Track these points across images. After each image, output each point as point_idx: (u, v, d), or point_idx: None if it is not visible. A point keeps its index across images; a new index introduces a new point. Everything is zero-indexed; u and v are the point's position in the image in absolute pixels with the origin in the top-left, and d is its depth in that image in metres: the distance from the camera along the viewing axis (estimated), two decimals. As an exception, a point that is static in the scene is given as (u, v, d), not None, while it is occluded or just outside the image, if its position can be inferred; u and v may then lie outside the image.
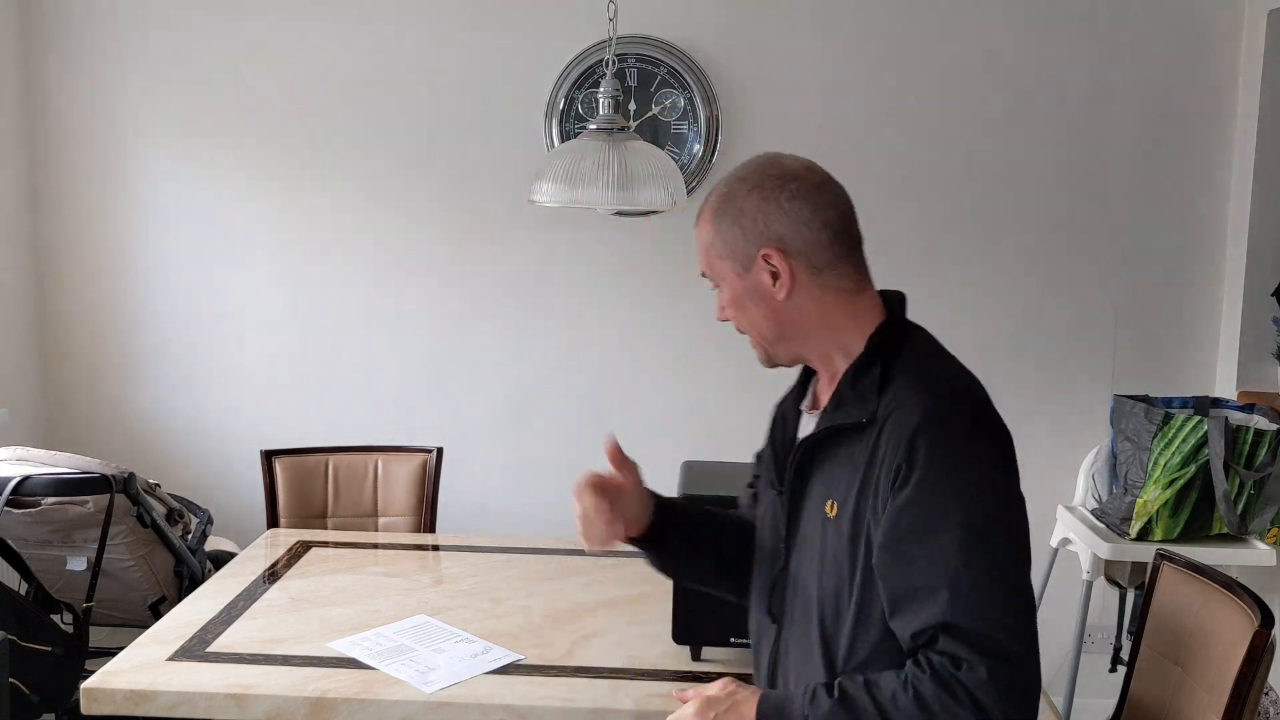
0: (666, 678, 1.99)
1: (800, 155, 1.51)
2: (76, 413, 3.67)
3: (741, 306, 1.49)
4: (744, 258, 1.46)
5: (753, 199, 1.45)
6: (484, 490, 3.60)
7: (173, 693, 1.91)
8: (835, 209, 1.46)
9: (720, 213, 1.48)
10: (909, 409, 1.35)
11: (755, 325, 1.49)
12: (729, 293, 1.50)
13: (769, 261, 1.44)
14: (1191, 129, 3.44)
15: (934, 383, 1.40)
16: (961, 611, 1.29)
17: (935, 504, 1.32)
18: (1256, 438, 2.87)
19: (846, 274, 1.46)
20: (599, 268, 3.55)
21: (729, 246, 1.47)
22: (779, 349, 1.51)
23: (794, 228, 1.44)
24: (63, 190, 3.59)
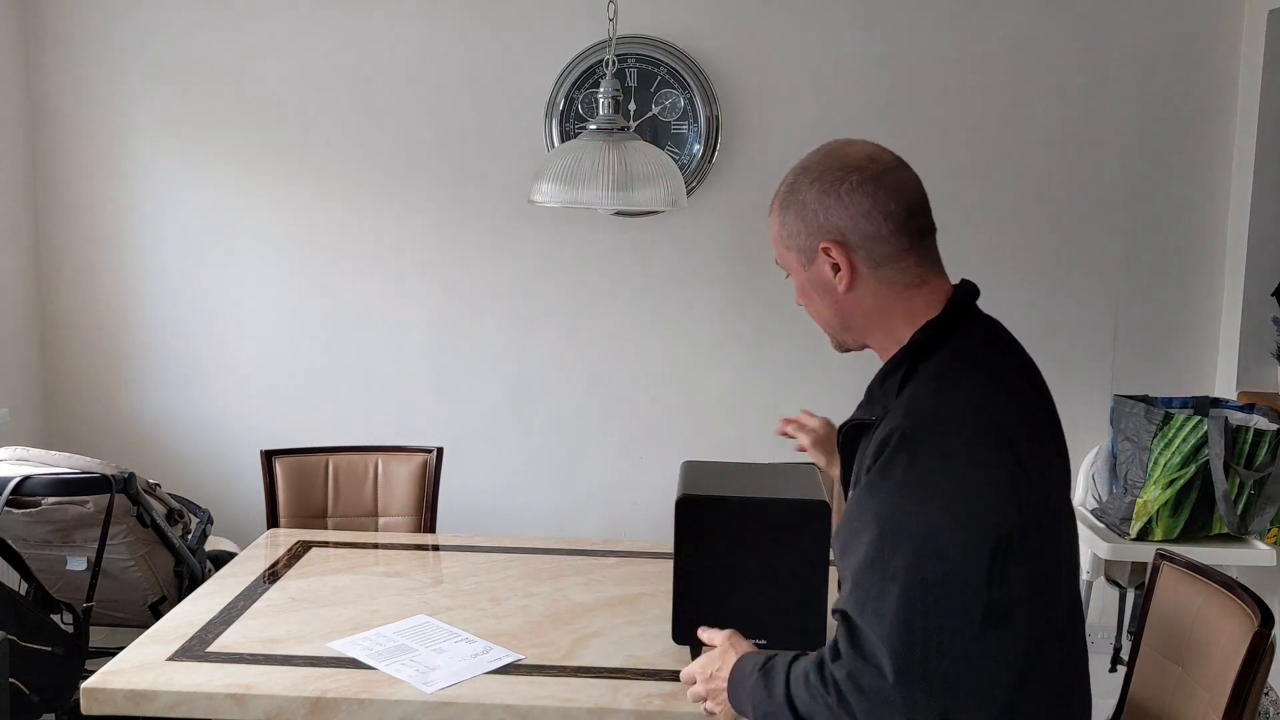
0: (666, 678, 1.99)
1: (868, 141, 1.49)
2: (76, 413, 3.67)
3: (808, 296, 1.52)
4: (807, 250, 1.47)
5: (814, 191, 1.45)
6: (484, 490, 3.61)
7: (173, 693, 1.90)
8: (897, 200, 1.44)
9: (786, 204, 1.50)
10: (893, 420, 1.36)
11: (821, 314, 1.53)
12: (797, 283, 1.53)
13: (829, 254, 1.45)
14: (1191, 129, 3.44)
15: (928, 399, 1.37)
16: (855, 604, 1.32)
17: (868, 508, 1.34)
18: (1256, 438, 2.87)
19: (907, 267, 1.45)
20: (599, 268, 3.55)
21: (794, 238, 1.49)
22: (846, 337, 1.53)
23: (853, 220, 1.43)
24: (63, 190, 3.59)
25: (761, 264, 3.52)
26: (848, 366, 1.99)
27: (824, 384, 3.31)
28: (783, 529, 1.98)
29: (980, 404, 1.37)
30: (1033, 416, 1.45)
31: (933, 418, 1.35)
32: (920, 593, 1.28)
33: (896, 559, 1.29)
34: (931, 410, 1.36)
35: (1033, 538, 1.33)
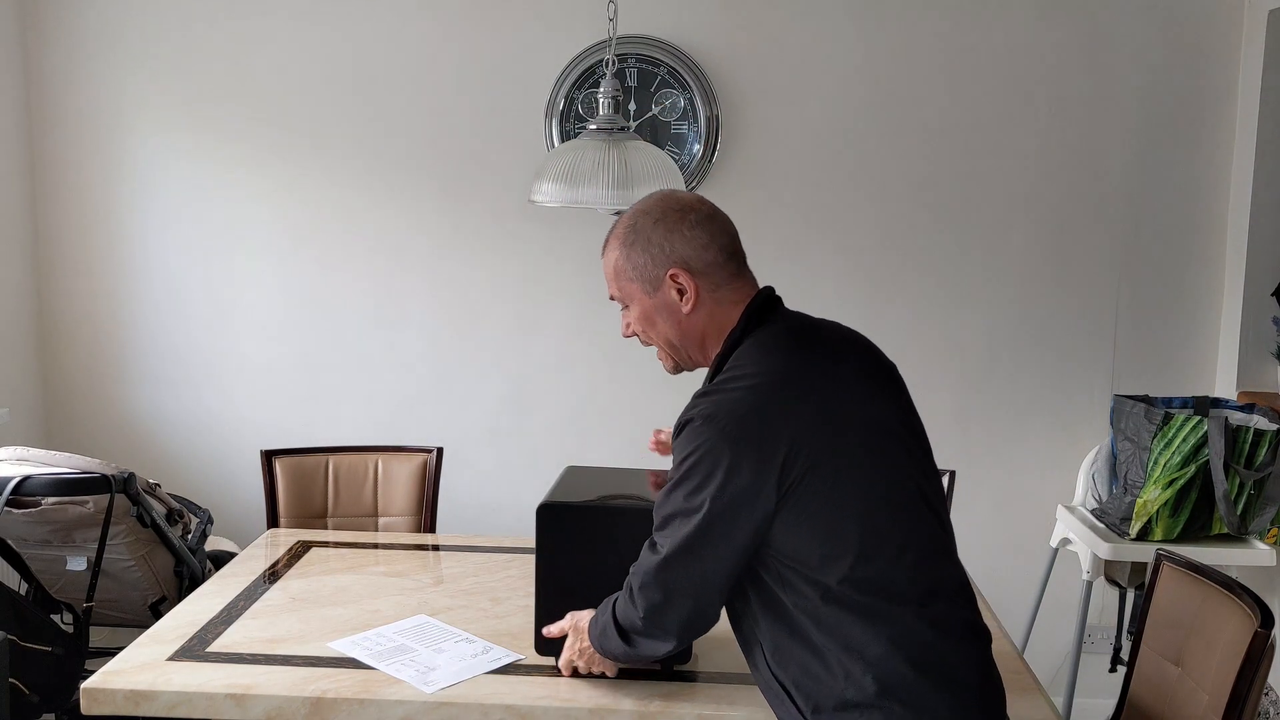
0: (666, 677, 1.99)
1: (691, 193, 1.81)
2: (76, 413, 3.67)
3: (650, 321, 1.75)
4: (653, 279, 1.72)
5: (659, 229, 1.71)
6: (484, 490, 3.61)
7: (173, 693, 1.91)
8: (727, 234, 1.74)
9: (629, 241, 1.73)
10: (685, 411, 1.64)
11: (663, 335, 1.75)
12: (638, 310, 1.75)
13: (676, 280, 1.70)
14: (1191, 129, 3.44)
15: (707, 395, 1.63)
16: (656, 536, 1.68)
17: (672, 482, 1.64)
18: (1256, 438, 2.87)
19: (737, 288, 1.73)
20: (599, 268, 3.54)
21: (638, 270, 1.73)
22: (684, 355, 1.76)
23: (695, 251, 1.70)
24: (62, 189, 3.59)
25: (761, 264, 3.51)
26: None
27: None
28: (646, 537, 1.92)
29: (744, 387, 1.62)
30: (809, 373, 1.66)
31: (703, 399, 1.63)
32: (690, 536, 1.61)
33: (680, 500, 1.62)
34: (708, 392, 1.64)
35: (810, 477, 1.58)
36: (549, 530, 1.96)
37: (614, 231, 1.77)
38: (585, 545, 1.95)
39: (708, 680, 2.00)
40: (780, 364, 1.63)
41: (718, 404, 1.60)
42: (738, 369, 1.65)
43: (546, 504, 1.97)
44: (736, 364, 1.66)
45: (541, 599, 1.98)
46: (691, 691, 1.95)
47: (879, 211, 3.44)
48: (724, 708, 1.89)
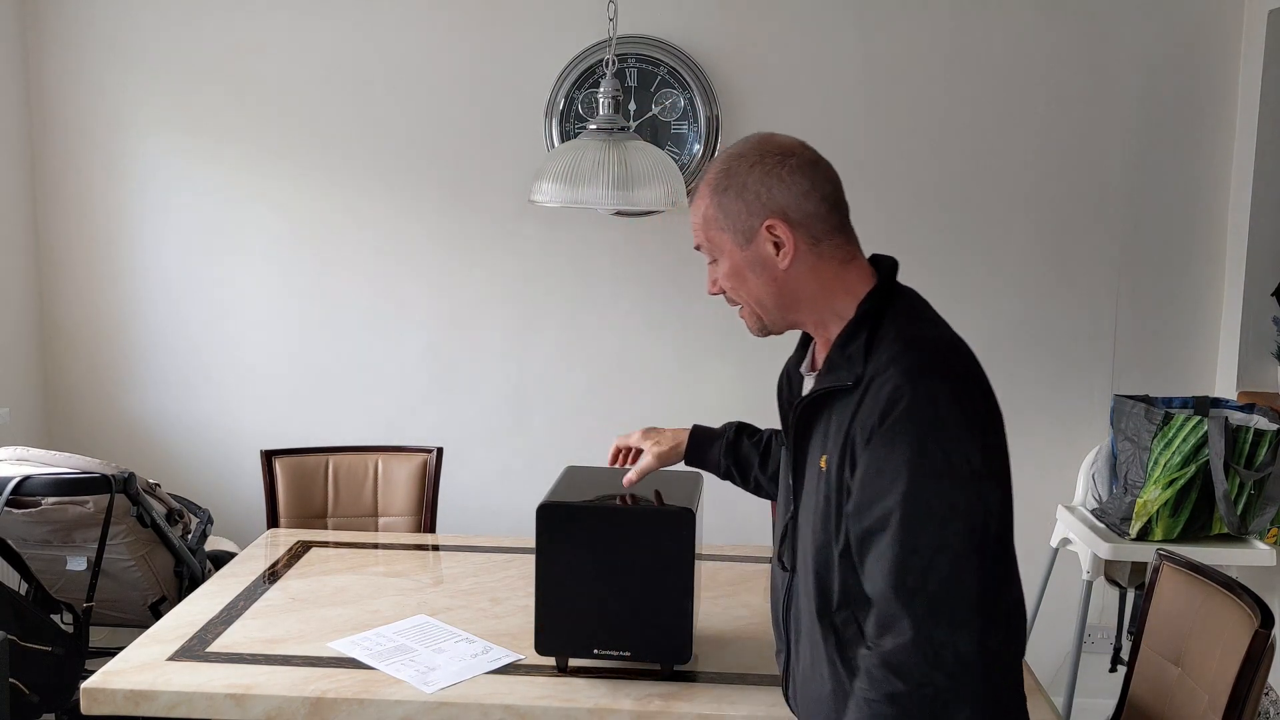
0: (666, 678, 1.99)
1: (792, 136, 1.57)
2: (76, 413, 3.67)
3: (741, 277, 1.56)
4: (746, 229, 1.53)
5: (755, 173, 1.51)
6: (484, 490, 3.61)
7: (173, 693, 1.91)
8: (831, 182, 1.54)
9: (721, 187, 1.54)
10: (889, 378, 1.41)
11: (754, 295, 1.56)
12: (728, 265, 1.57)
13: (773, 232, 1.51)
14: (1191, 128, 3.44)
15: (913, 350, 1.44)
16: (902, 601, 1.37)
17: (889, 474, 1.39)
18: (1256, 438, 2.87)
19: (840, 244, 1.53)
20: (599, 268, 3.55)
21: (730, 219, 1.53)
22: (776, 317, 1.58)
23: (795, 200, 1.51)
24: (63, 190, 3.59)
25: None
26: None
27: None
28: (646, 537, 1.94)
29: (954, 340, 1.50)
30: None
31: (927, 360, 1.43)
32: (961, 544, 1.37)
33: (944, 523, 1.37)
34: (925, 353, 1.45)
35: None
36: (549, 530, 1.96)
37: (705, 176, 1.58)
38: (585, 545, 1.95)
39: (708, 680, 2.00)
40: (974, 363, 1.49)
41: (912, 370, 1.41)
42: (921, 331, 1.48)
43: (546, 504, 1.97)
44: (912, 328, 1.48)
45: (541, 599, 1.98)
46: (691, 691, 1.95)
47: (879, 211, 3.44)
48: (724, 708, 1.89)
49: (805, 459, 1.57)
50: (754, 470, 1.97)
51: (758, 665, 2.06)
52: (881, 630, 1.39)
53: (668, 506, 1.96)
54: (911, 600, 1.36)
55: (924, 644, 1.35)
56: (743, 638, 2.19)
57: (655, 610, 1.95)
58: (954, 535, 1.36)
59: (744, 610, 2.34)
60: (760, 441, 1.99)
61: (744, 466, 1.98)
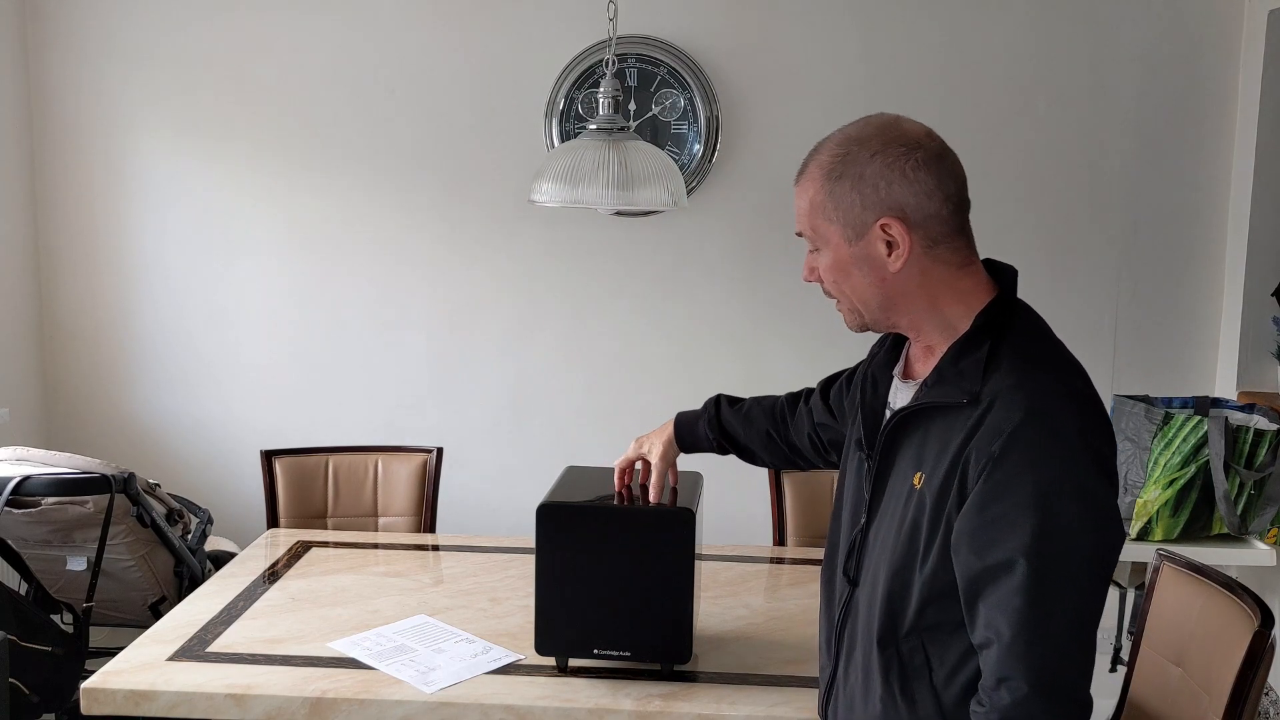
0: (666, 678, 1.99)
1: (917, 123, 1.44)
2: (76, 413, 3.67)
3: (845, 273, 1.43)
4: (858, 224, 1.39)
5: (875, 164, 1.38)
6: (484, 490, 3.60)
7: (173, 693, 1.91)
8: (956, 180, 1.40)
9: (836, 173, 1.40)
10: (1014, 402, 1.33)
11: (858, 293, 1.44)
12: (831, 258, 1.43)
13: (887, 231, 1.38)
14: (1191, 129, 3.44)
15: (1042, 378, 1.36)
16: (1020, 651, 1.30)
17: (1020, 511, 1.30)
18: (1256, 438, 2.87)
19: (958, 248, 1.42)
20: (599, 268, 3.55)
21: (842, 210, 1.40)
22: (878, 316, 1.46)
23: (916, 198, 1.37)
24: (63, 190, 3.59)
25: (762, 264, 3.52)
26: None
27: (824, 384, 3.31)
28: (645, 537, 1.94)
29: (1078, 368, 1.43)
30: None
31: (1057, 392, 1.35)
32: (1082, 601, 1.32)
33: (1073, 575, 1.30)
34: (1055, 383, 1.36)
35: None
36: (549, 530, 1.96)
37: (816, 157, 1.43)
38: (585, 545, 1.95)
39: (708, 680, 2.00)
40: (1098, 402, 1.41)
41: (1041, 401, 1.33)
42: (1051, 360, 1.42)
43: (546, 504, 1.97)
44: (1039, 353, 1.43)
45: (541, 599, 1.98)
46: (691, 691, 1.95)
47: (879, 211, 3.44)
48: (724, 708, 1.89)
49: (890, 471, 1.47)
50: (741, 439, 1.97)
51: (758, 665, 2.06)
52: (998, 680, 1.31)
53: (668, 506, 1.96)
54: (1032, 650, 1.29)
55: (1046, 693, 1.29)
56: (743, 638, 2.19)
57: (655, 610, 1.95)
58: (1079, 586, 1.30)
59: (744, 610, 2.34)
60: (742, 409, 2.00)
61: (733, 437, 1.98)
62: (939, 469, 1.37)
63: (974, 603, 1.33)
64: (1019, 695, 1.29)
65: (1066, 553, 1.29)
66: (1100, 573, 1.33)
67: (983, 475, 1.32)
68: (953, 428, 1.37)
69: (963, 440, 1.35)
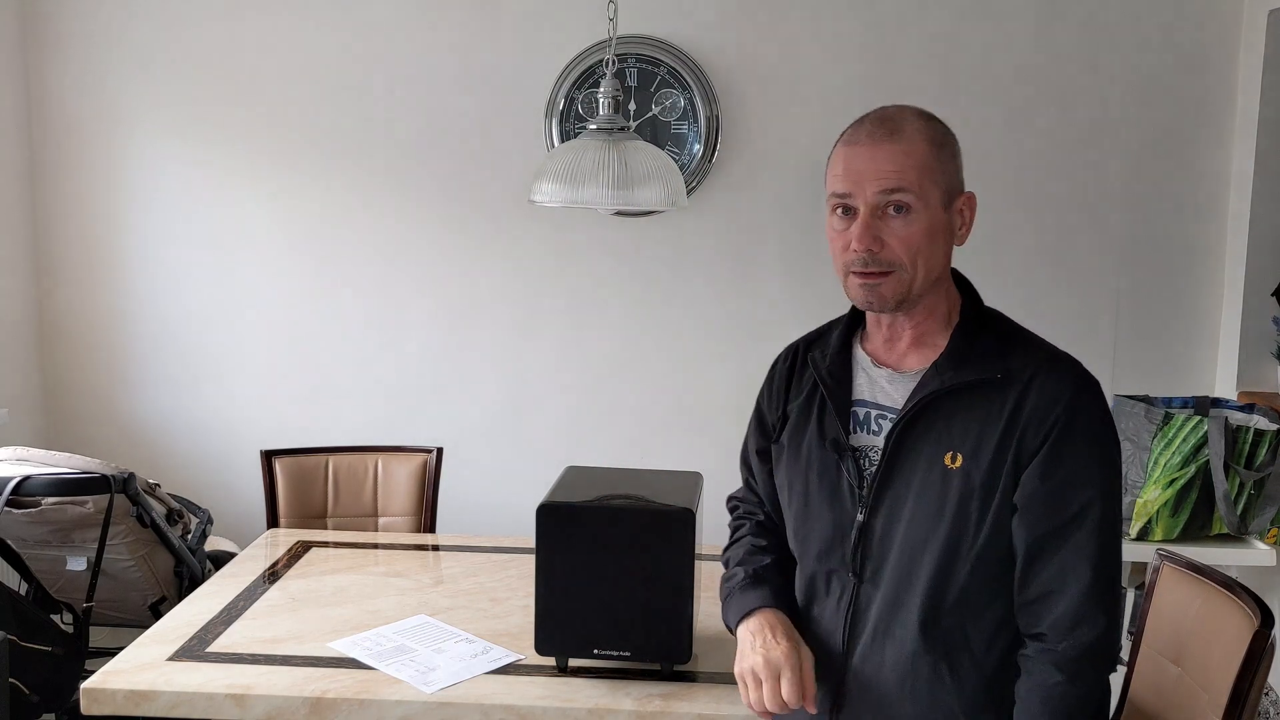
0: (666, 678, 1.99)
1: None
2: (76, 413, 3.67)
3: (933, 238, 1.47)
4: (952, 192, 1.48)
5: (957, 147, 1.50)
6: (484, 490, 3.60)
7: (173, 693, 1.91)
8: None
9: (940, 142, 1.47)
10: (1060, 373, 1.44)
11: (932, 260, 1.47)
12: (926, 222, 1.45)
13: (969, 205, 1.50)
14: (1191, 128, 3.44)
15: (1068, 357, 1.48)
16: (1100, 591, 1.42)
17: (1090, 467, 1.42)
18: (1256, 438, 2.87)
19: None
20: (599, 268, 3.55)
21: (947, 176, 1.47)
22: (922, 291, 1.49)
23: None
24: (63, 190, 3.59)
25: (761, 263, 3.51)
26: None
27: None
28: (646, 537, 1.93)
29: None
30: None
31: (1085, 371, 1.48)
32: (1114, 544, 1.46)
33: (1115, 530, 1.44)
34: (1079, 364, 1.49)
35: None
36: (549, 530, 1.96)
37: (908, 121, 1.46)
38: (585, 545, 1.95)
39: (708, 680, 2.00)
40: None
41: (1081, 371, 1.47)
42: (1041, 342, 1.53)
43: (546, 504, 1.97)
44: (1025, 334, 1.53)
45: (541, 599, 1.98)
46: (691, 691, 1.95)
47: (879, 211, 3.44)
48: (724, 708, 1.89)
49: (906, 458, 1.47)
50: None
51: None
52: (1075, 622, 1.41)
53: (668, 506, 1.96)
54: (1108, 593, 1.42)
55: (1116, 626, 1.43)
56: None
57: (655, 610, 1.95)
58: (1118, 534, 1.45)
59: (744, 610, 2.33)
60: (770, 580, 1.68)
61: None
62: (985, 446, 1.42)
63: (1040, 558, 1.42)
64: (1100, 629, 1.41)
65: (1118, 513, 1.45)
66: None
67: (1048, 440, 1.40)
68: (989, 405, 1.43)
69: (1011, 413, 1.42)
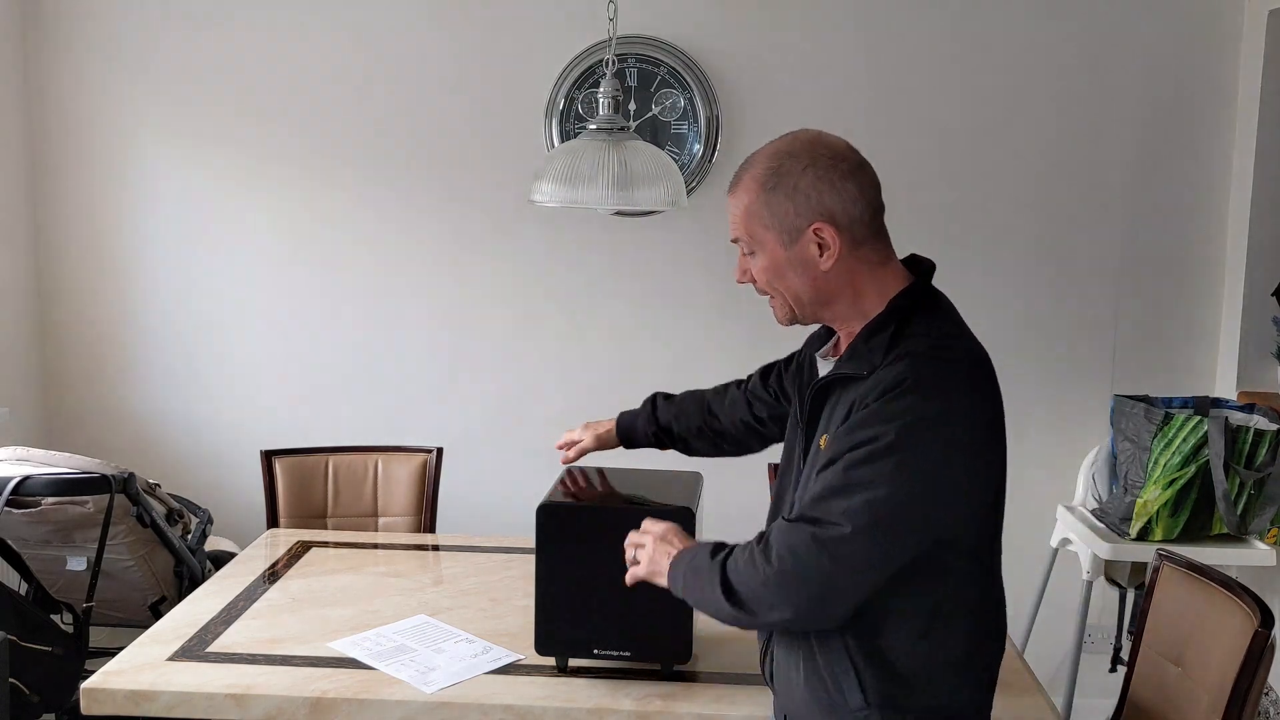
0: (666, 678, 1.99)
1: (837, 136, 1.62)
2: (76, 413, 3.67)
3: (779, 274, 1.59)
4: (792, 229, 1.56)
5: (808, 176, 1.54)
6: (484, 490, 3.60)
7: (173, 693, 1.91)
8: (874, 187, 1.59)
9: (770, 185, 1.56)
10: (896, 367, 1.49)
11: (792, 291, 1.60)
12: (766, 260, 1.59)
13: (819, 234, 1.55)
14: (1191, 129, 3.44)
15: (931, 347, 1.52)
16: (818, 504, 1.49)
17: (863, 428, 1.47)
18: (1256, 438, 2.87)
19: (877, 248, 1.60)
20: (599, 268, 3.55)
21: (777, 218, 1.56)
22: (809, 312, 1.62)
23: (843, 205, 1.55)
24: (63, 190, 3.59)
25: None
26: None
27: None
28: None
29: (972, 342, 1.59)
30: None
31: (933, 355, 1.51)
32: (889, 510, 1.46)
33: (886, 469, 1.45)
34: (935, 349, 1.52)
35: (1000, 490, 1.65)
36: (549, 530, 1.96)
37: (749, 170, 1.59)
38: (585, 545, 1.95)
39: (708, 680, 2.00)
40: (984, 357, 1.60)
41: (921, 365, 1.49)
42: (944, 334, 1.56)
43: (546, 504, 1.97)
44: (936, 329, 1.56)
45: (541, 599, 1.98)
46: (691, 691, 1.95)
47: (879, 211, 3.44)
48: (724, 708, 1.89)
49: (811, 439, 1.63)
50: (675, 431, 2.16)
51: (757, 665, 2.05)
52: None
53: (668, 506, 1.96)
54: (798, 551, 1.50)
55: (785, 575, 1.52)
56: (743, 638, 2.18)
57: (655, 610, 1.94)
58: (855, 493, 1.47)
59: (744, 610, 2.33)
60: (674, 402, 2.21)
61: (668, 430, 2.17)
62: (836, 431, 1.54)
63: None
64: (771, 568, 1.52)
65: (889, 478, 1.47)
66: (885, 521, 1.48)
67: (854, 420, 1.49)
68: (853, 396, 1.54)
69: (854, 404, 1.52)
